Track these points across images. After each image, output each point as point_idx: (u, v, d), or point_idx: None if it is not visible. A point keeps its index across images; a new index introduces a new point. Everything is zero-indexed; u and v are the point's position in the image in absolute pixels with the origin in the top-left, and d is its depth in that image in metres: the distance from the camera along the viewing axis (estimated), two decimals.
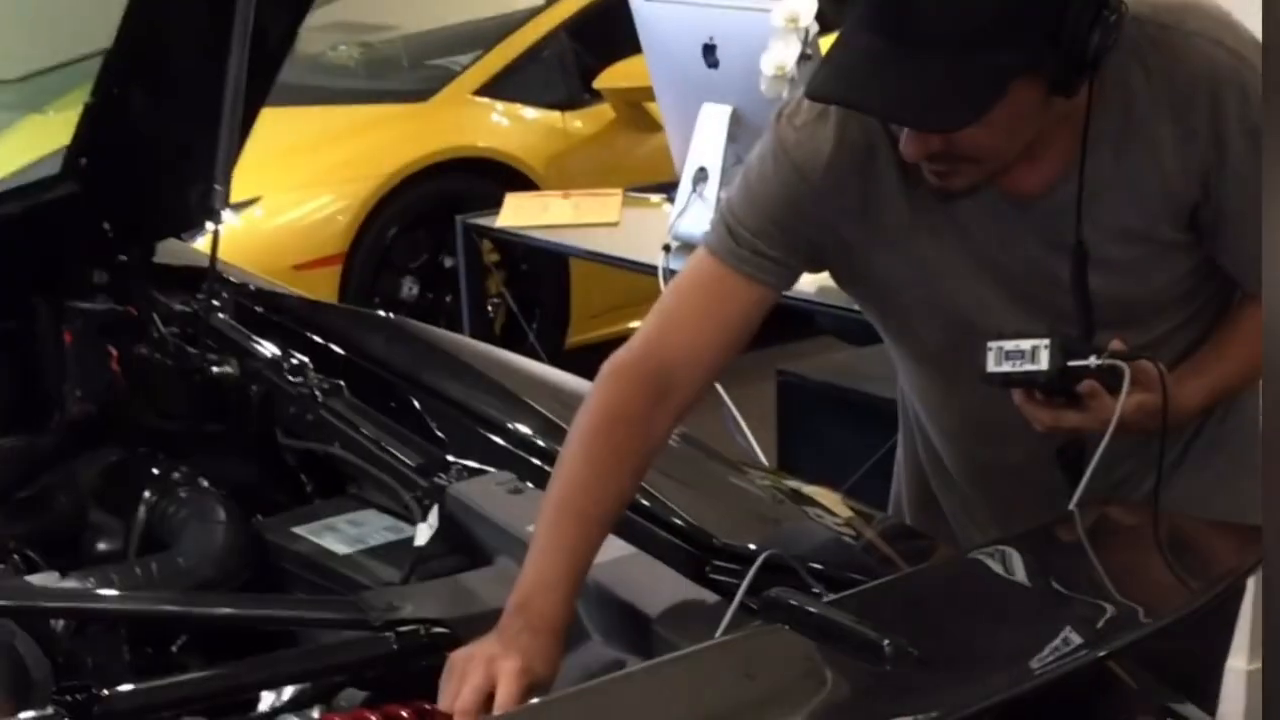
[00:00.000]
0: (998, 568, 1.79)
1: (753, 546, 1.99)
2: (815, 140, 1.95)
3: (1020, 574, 1.79)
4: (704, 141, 3.81)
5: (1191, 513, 2.05)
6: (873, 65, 1.78)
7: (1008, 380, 1.88)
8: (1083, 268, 1.92)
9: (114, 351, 2.65)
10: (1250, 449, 2.18)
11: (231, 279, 2.78)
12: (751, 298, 1.98)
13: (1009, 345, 1.86)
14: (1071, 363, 1.84)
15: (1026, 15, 1.75)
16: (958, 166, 1.88)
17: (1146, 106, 1.89)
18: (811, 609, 1.60)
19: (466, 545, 2.11)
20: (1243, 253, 1.97)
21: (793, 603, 1.62)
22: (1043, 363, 1.84)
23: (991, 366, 1.87)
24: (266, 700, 1.95)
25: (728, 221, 1.99)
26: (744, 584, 1.68)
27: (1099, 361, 1.85)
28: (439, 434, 2.38)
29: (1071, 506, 1.88)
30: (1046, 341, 1.84)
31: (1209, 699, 2.18)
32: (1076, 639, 1.62)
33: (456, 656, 1.75)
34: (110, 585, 2.13)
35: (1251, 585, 3.01)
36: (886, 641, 1.50)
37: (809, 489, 2.26)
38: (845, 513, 2.19)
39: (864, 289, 2.09)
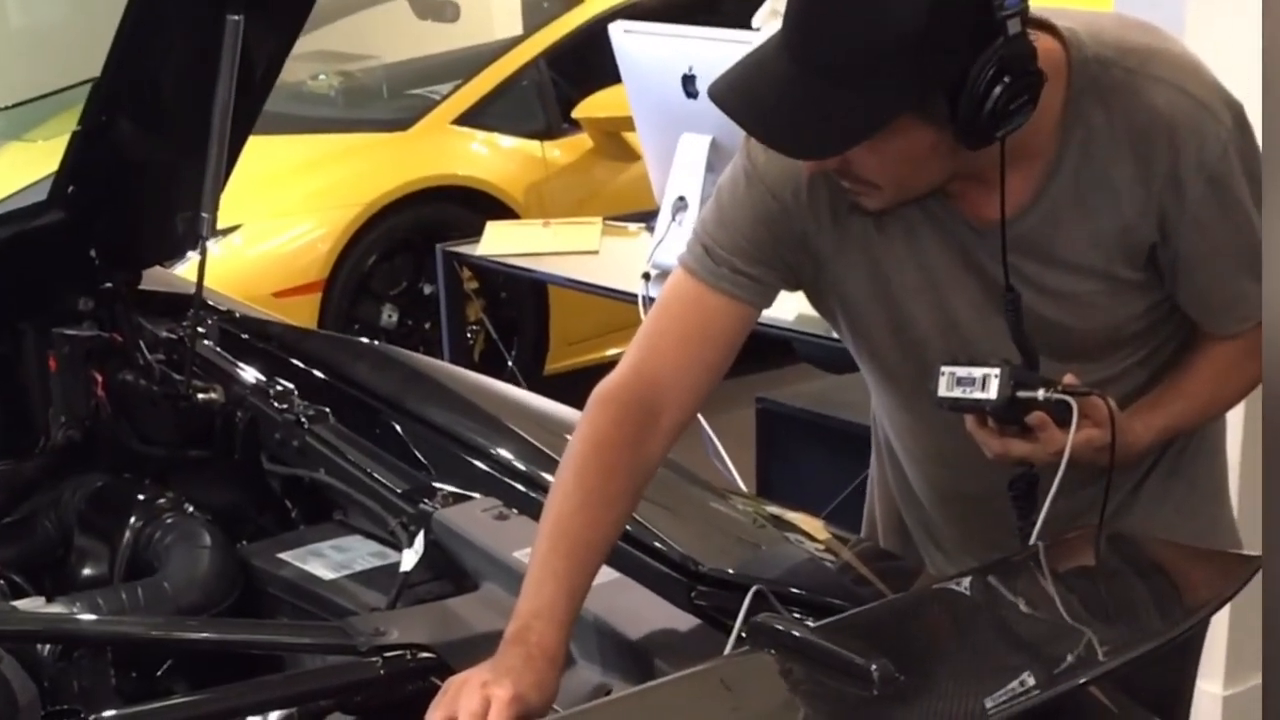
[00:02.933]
0: (982, 595, 1.80)
1: (733, 571, 2.01)
2: (785, 159, 1.96)
3: (1004, 601, 1.81)
4: (683, 171, 3.84)
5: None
6: (763, 78, 1.82)
7: (957, 406, 1.89)
8: (1016, 307, 1.93)
9: (99, 377, 2.66)
10: (1210, 478, 2.21)
11: (217, 306, 2.79)
12: (732, 315, 2.00)
13: (960, 372, 1.88)
14: (1020, 394, 1.86)
15: (918, 63, 1.76)
16: (863, 188, 1.91)
17: (1107, 147, 1.92)
18: (797, 634, 1.61)
19: (452, 571, 2.12)
20: (1199, 295, 2.00)
21: (778, 628, 1.63)
22: (991, 392, 1.86)
23: (943, 391, 1.89)
24: None
25: (704, 241, 2.01)
26: (739, 620, 1.68)
27: (1047, 395, 1.86)
28: (423, 460, 2.39)
29: (1033, 540, 1.89)
30: (997, 371, 1.86)
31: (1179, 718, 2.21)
32: (1060, 665, 1.63)
33: (451, 681, 1.76)
34: (96, 610, 2.14)
35: (1226, 612, 3.05)
36: (874, 666, 1.52)
37: (789, 515, 2.28)
38: (825, 538, 2.21)
39: (831, 307, 2.11)
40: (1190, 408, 2.05)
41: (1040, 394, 1.86)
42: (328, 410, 2.49)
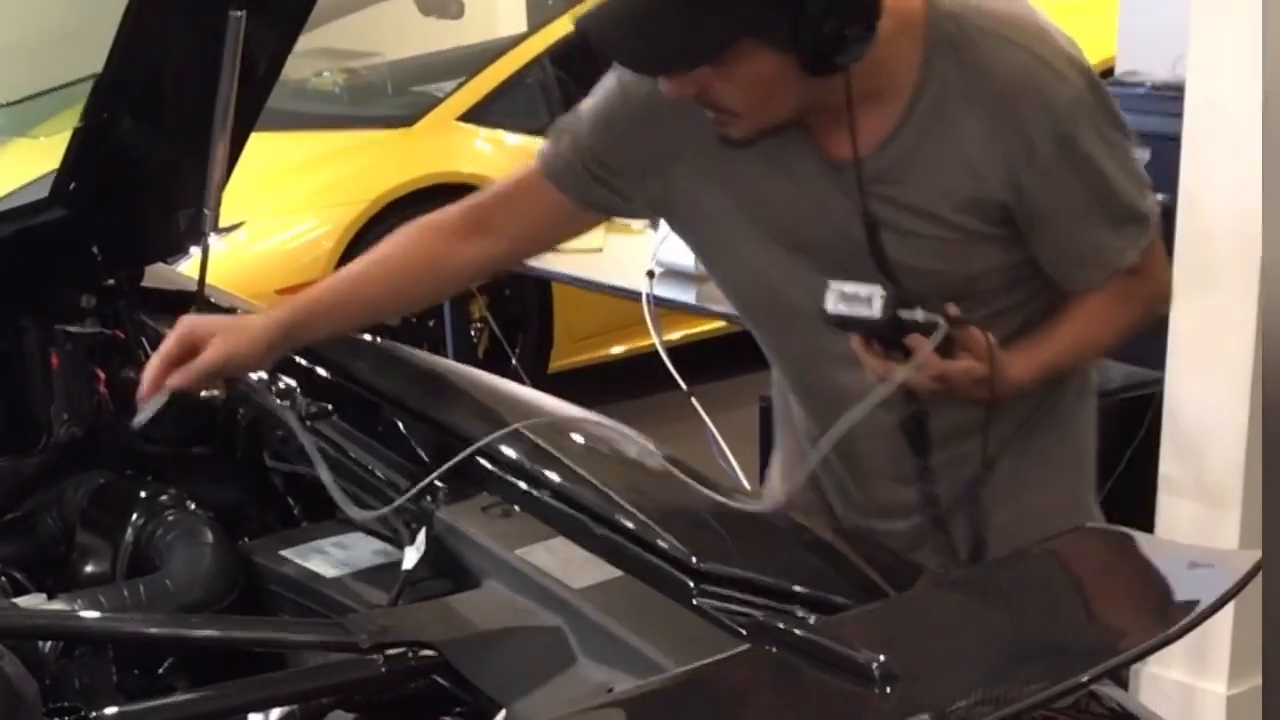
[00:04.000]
0: (983, 592, 1.80)
1: (735, 570, 2.00)
2: (646, 79, 2.09)
3: (1006, 599, 1.80)
4: None
5: (1012, 498, 2.23)
6: (629, 3, 1.94)
7: (842, 321, 1.96)
8: (875, 233, 2.04)
9: (101, 374, 2.65)
10: (1063, 451, 2.31)
11: (219, 303, 2.78)
12: (550, 197, 2.24)
13: (848, 288, 1.95)
14: (901, 313, 1.94)
15: None
16: (723, 115, 2.02)
17: (958, 102, 2.02)
18: (798, 631, 1.61)
19: (454, 568, 2.11)
20: (1057, 251, 2.10)
21: (780, 625, 1.63)
22: (876, 310, 1.93)
23: (830, 307, 1.95)
24: None
25: (562, 127, 2.27)
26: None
27: (926, 316, 1.94)
28: (426, 457, 2.38)
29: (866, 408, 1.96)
30: (880, 289, 1.93)
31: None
32: (1060, 664, 1.63)
33: None
34: (98, 607, 2.13)
35: (1229, 612, 3.04)
36: (875, 664, 1.51)
37: (795, 514, 2.27)
38: (829, 537, 2.20)
39: (690, 234, 2.26)
40: (1065, 351, 2.14)
41: (920, 314, 1.94)
42: (330, 407, 2.48)
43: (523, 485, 2.24)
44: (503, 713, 1.84)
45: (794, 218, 2.11)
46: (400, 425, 2.46)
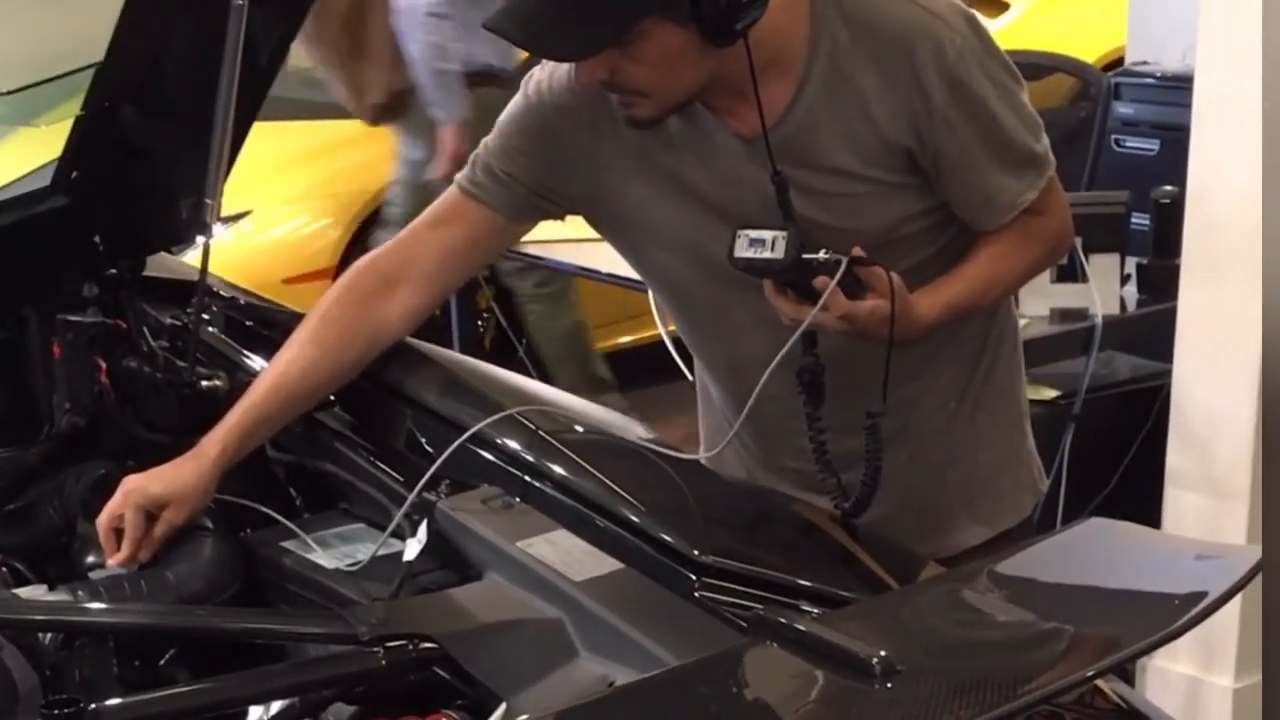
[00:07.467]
0: (986, 587, 1.79)
1: (736, 563, 1.99)
2: (555, 86, 2.24)
3: (1009, 594, 1.79)
4: None
5: (969, 456, 2.36)
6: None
7: (749, 266, 2.05)
8: (784, 188, 2.09)
9: (103, 364, 2.64)
10: (1005, 401, 2.41)
11: (221, 292, 2.78)
12: (475, 217, 2.30)
13: (753, 234, 2.04)
14: (805, 255, 2.01)
15: None
16: (633, 98, 2.12)
17: (851, 58, 2.12)
18: (800, 625, 1.60)
19: (455, 560, 2.11)
20: (962, 193, 2.20)
21: (781, 620, 1.62)
22: (779, 252, 2.02)
23: (738, 252, 2.05)
24: (254, 714, 1.96)
25: (477, 152, 2.31)
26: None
27: (827, 255, 2.02)
28: (429, 449, 2.38)
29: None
30: (784, 233, 2.02)
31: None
32: (1064, 658, 1.63)
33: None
34: (98, 598, 2.13)
35: (1238, 603, 3.03)
36: (875, 658, 1.51)
37: (798, 505, 2.27)
38: (834, 529, 2.19)
39: (613, 225, 2.34)
40: (970, 289, 2.23)
41: (822, 254, 2.02)
42: (333, 398, 2.47)
43: (524, 477, 2.24)
44: (503, 705, 1.84)
45: (714, 195, 2.19)
46: (404, 417, 2.46)
